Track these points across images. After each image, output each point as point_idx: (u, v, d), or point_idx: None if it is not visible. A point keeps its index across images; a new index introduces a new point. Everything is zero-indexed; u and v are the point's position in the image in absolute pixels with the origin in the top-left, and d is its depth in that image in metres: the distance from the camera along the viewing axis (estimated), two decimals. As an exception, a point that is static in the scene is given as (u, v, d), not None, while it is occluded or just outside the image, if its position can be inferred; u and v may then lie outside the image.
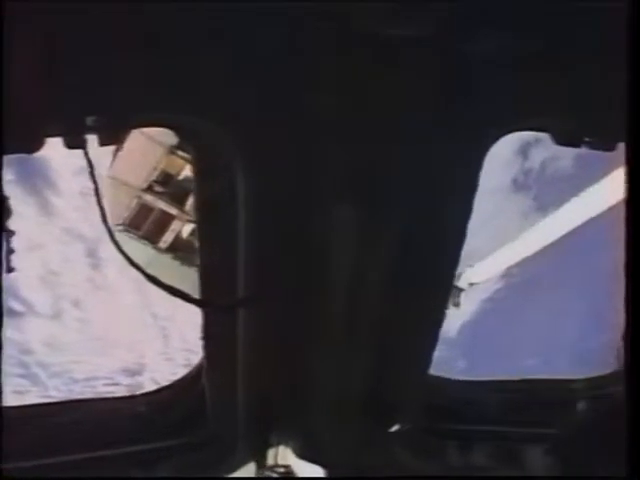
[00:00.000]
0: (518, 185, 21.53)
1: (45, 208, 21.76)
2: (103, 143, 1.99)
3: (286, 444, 3.12)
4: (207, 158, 2.23)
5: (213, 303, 2.57)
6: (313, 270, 2.48)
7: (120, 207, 12.39)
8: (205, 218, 2.41)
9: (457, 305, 8.56)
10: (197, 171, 2.30)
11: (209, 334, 2.68)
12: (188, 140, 2.21)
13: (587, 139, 2.17)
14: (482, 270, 8.68)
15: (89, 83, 1.85)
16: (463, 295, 8.70)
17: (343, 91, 1.99)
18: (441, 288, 2.69)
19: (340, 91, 1.99)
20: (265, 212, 2.31)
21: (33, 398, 20.50)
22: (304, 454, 3.13)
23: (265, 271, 2.44)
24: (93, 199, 2.17)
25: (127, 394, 3.17)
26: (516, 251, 8.54)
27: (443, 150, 2.17)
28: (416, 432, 3.13)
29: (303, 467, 3.17)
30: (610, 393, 3.12)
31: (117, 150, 11.46)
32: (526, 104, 2.12)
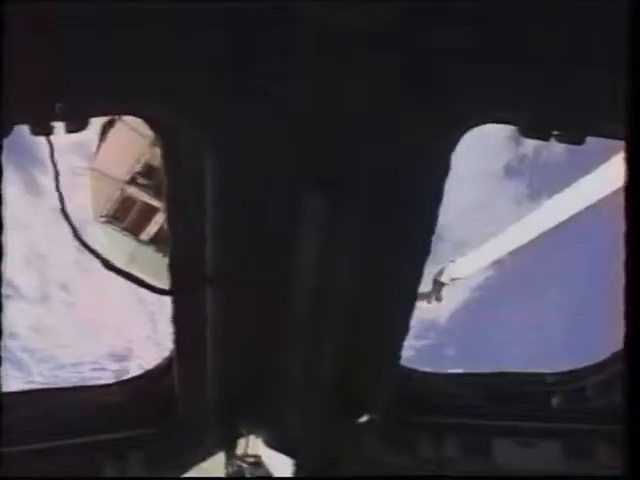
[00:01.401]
0: (509, 173, 21.45)
1: (32, 187, 21.55)
2: (69, 130, 2.00)
3: (256, 434, 3.14)
4: (175, 148, 2.23)
5: (174, 291, 2.57)
6: (281, 259, 2.49)
7: (103, 199, 12.27)
8: (174, 208, 2.42)
9: (439, 300, 8.56)
10: (166, 161, 2.30)
11: (178, 324, 2.69)
12: (155, 128, 2.21)
13: (555, 132, 2.18)
14: (465, 265, 8.65)
15: (53, 72, 1.86)
16: (445, 290, 8.68)
17: (309, 83, 2.00)
18: (410, 278, 2.68)
19: (305, 83, 2.00)
20: (234, 202, 2.32)
21: (18, 384, 20.41)
22: (274, 444, 3.14)
23: (233, 259, 2.45)
24: (82, 179, 2.17)
25: (110, 381, 3.18)
26: (501, 245, 8.48)
27: (409, 140, 2.18)
28: (386, 424, 3.15)
29: (273, 457, 3.18)
30: (587, 386, 3.15)
31: (100, 142, 11.37)
32: (491, 97, 2.12)
